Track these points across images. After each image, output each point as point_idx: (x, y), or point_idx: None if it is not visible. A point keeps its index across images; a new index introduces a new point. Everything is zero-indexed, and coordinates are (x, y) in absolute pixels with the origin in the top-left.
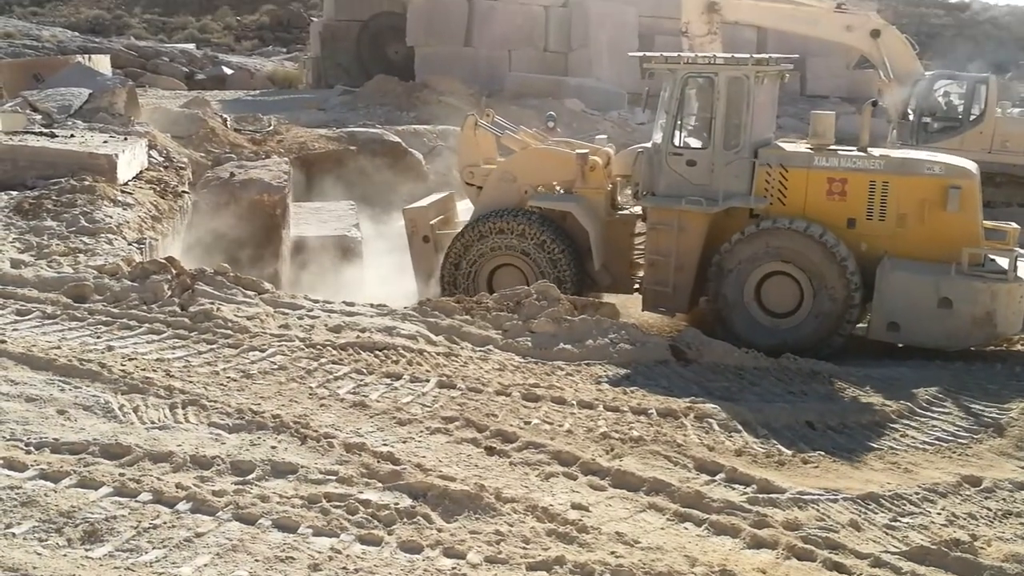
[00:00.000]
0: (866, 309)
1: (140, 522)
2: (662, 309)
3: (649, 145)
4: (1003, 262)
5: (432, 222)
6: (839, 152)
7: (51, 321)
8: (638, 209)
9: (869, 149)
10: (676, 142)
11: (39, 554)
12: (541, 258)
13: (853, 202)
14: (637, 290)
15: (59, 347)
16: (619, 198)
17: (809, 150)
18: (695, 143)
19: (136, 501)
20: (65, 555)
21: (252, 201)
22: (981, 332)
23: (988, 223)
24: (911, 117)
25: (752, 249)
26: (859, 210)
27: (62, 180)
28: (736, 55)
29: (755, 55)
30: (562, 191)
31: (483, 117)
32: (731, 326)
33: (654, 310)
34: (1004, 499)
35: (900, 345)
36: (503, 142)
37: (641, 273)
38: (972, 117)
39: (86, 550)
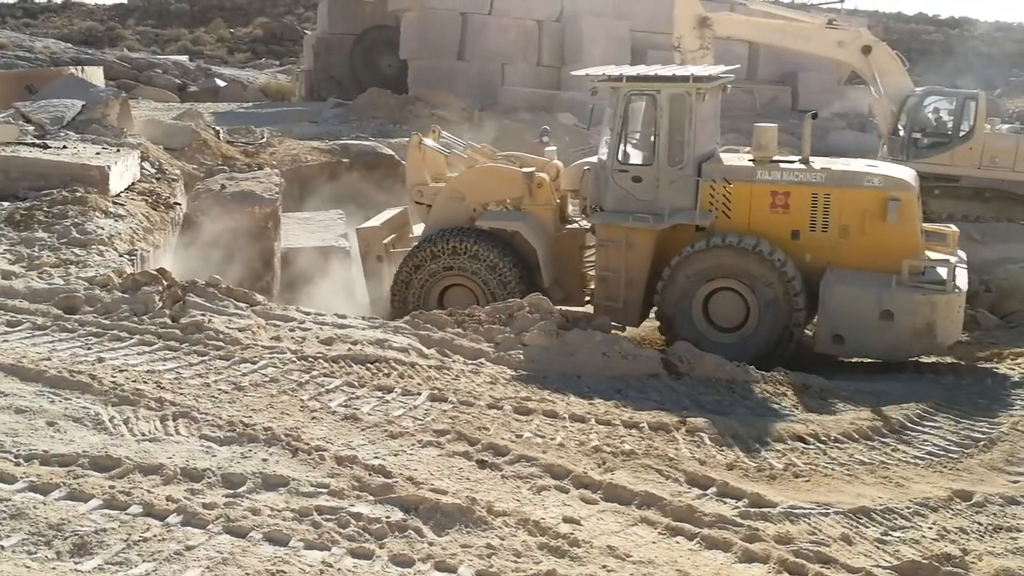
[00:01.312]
0: (812, 320)
1: (130, 535)
2: (613, 324)
3: (596, 160)
4: (942, 271)
5: (385, 241)
6: (781, 165)
7: (41, 332)
8: (586, 223)
9: (811, 161)
10: (622, 159)
11: (28, 567)
12: (490, 278)
13: (796, 214)
14: (589, 302)
15: (49, 358)
16: (568, 212)
17: (751, 163)
18: (640, 159)
19: (126, 514)
20: (54, 568)
21: (243, 213)
22: (922, 343)
23: (928, 226)
24: (901, 133)
25: (698, 266)
26: (802, 222)
27: (54, 191)
28: (676, 71)
29: (695, 71)
30: (511, 208)
31: (430, 134)
32: (678, 338)
33: None
34: (995, 514)
35: (844, 359)
36: (450, 160)
37: (592, 286)
38: (962, 133)
39: (75, 563)
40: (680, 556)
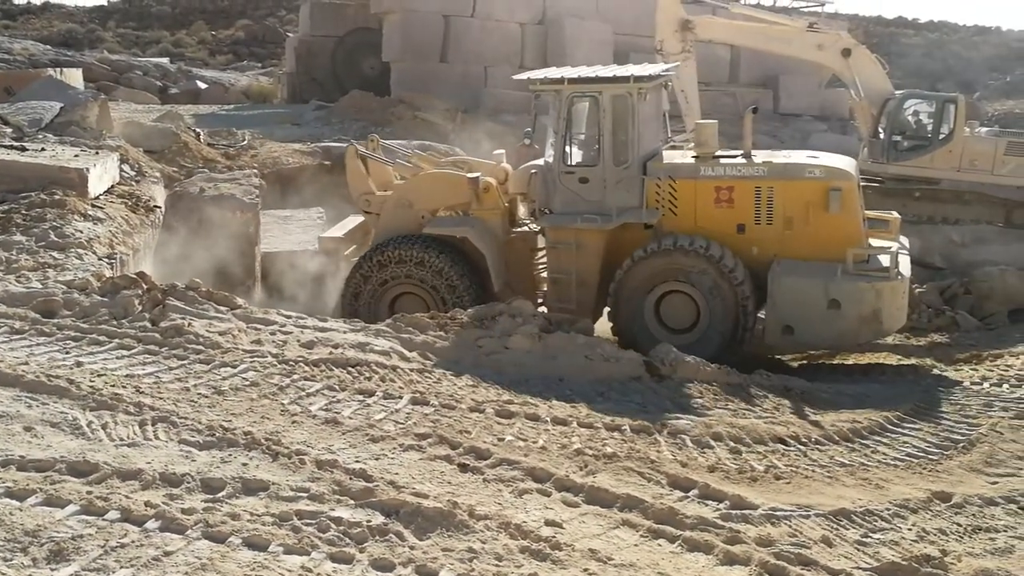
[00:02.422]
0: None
1: (108, 541)
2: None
3: (542, 163)
4: (884, 260)
5: (347, 252)
6: (723, 160)
7: (19, 336)
8: (535, 225)
9: (753, 155)
10: (567, 160)
11: (3, 574)
12: (440, 285)
13: (741, 208)
14: (541, 304)
15: (27, 363)
16: (519, 215)
17: (694, 160)
18: (586, 160)
19: (104, 519)
20: (30, 575)
21: (222, 216)
22: (869, 330)
23: (871, 213)
24: (882, 135)
25: (645, 271)
26: (747, 216)
27: (32, 194)
28: (617, 71)
29: (636, 71)
30: (461, 214)
31: (368, 144)
32: (634, 345)
33: None
34: (974, 515)
35: (826, 362)
36: (396, 169)
37: (544, 288)
38: (941, 136)
39: (52, 570)
40: (662, 558)
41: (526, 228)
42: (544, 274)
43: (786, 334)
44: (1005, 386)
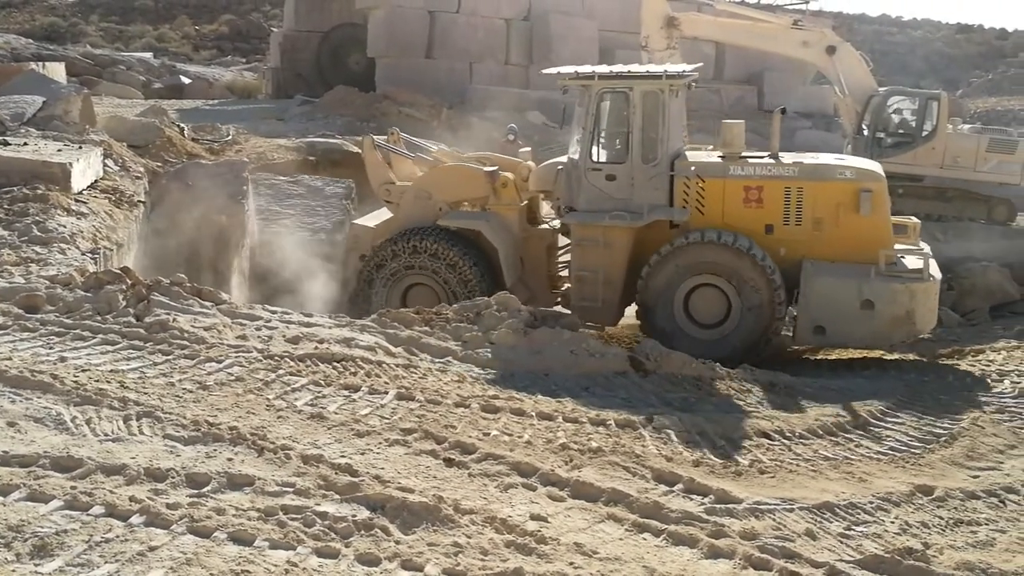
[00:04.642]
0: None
1: (92, 536)
2: (591, 324)
3: (566, 160)
4: (911, 261)
5: (375, 243)
6: (752, 160)
7: (2, 332)
8: (556, 223)
9: (780, 155)
10: (594, 157)
11: None
12: (452, 278)
13: (770, 209)
14: (559, 303)
15: (10, 358)
16: (539, 213)
17: (722, 159)
18: (613, 158)
19: (88, 515)
20: (14, 570)
21: (210, 209)
22: (902, 331)
23: (892, 218)
24: (865, 132)
25: (681, 261)
26: (776, 216)
27: (14, 189)
28: (650, 69)
29: (668, 69)
30: (479, 207)
31: (389, 137)
32: (660, 337)
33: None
34: (956, 508)
35: (810, 357)
36: (413, 164)
37: (564, 286)
38: (924, 133)
39: (35, 565)
40: (646, 552)
41: (544, 227)
42: (562, 273)
43: (817, 334)
44: (987, 380)
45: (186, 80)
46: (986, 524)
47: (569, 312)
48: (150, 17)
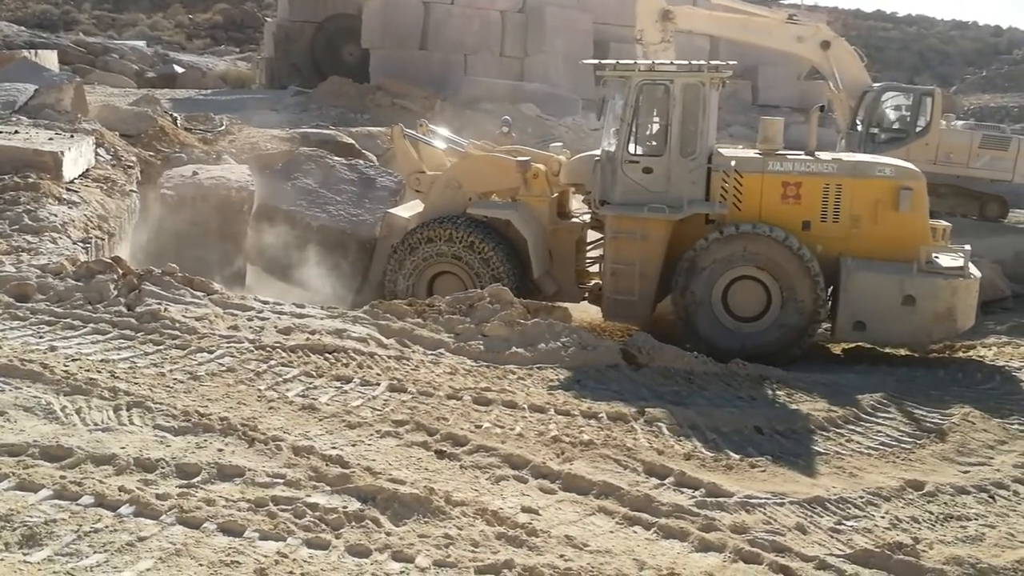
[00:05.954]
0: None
1: (81, 525)
2: (625, 318)
3: (599, 153)
4: (946, 259)
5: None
6: (790, 156)
7: None
8: (586, 217)
9: (816, 153)
10: (631, 150)
11: None
12: (480, 267)
13: (807, 205)
14: (586, 299)
15: (0, 347)
16: (570, 207)
17: (759, 155)
18: (651, 150)
19: (77, 504)
20: (2, 560)
21: (220, 198)
22: (943, 328)
23: None
24: (859, 127)
25: (728, 251)
26: (813, 213)
27: (5, 178)
28: (692, 61)
29: (709, 62)
30: (509, 198)
31: (419, 128)
32: (694, 326)
33: (616, 319)
34: (946, 503)
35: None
36: (443, 154)
37: (591, 281)
38: (918, 129)
39: (24, 554)
40: (637, 545)
41: (575, 220)
42: (591, 268)
43: (857, 330)
44: (977, 376)
45: (179, 69)
46: (976, 519)
47: (609, 308)
48: (143, 5)
